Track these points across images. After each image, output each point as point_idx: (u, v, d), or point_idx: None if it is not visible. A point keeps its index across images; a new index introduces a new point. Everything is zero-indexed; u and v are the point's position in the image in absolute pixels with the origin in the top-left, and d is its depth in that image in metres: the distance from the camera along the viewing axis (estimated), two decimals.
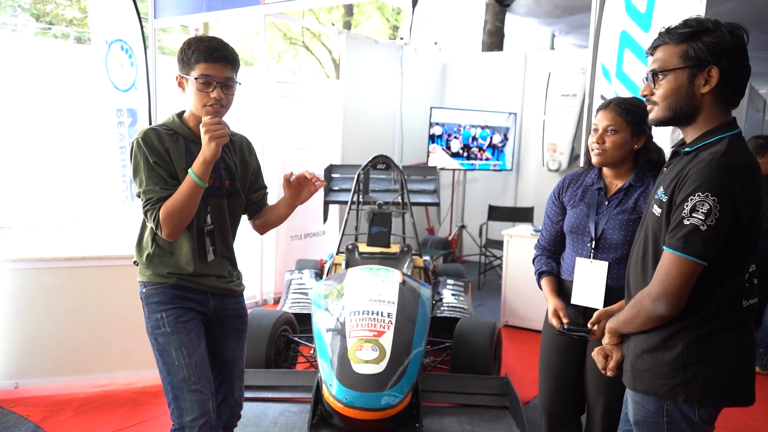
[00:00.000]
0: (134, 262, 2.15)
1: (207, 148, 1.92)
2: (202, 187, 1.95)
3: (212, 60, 1.94)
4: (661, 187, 1.59)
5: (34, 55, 7.84)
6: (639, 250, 1.67)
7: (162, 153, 1.99)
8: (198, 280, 2.08)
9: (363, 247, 4.08)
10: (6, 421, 3.16)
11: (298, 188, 2.13)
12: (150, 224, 2.01)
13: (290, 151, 5.56)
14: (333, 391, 2.54)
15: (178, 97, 2.12)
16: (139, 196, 2.01)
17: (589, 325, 1.89)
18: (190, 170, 1.94)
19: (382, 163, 4.33)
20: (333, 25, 7.37)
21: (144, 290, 2.09)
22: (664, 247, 1.53)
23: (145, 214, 1.99)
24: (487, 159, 6.98)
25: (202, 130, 1.92)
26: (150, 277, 2.07)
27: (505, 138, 6.97)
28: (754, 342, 1.63)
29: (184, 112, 2.10)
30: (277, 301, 5.37)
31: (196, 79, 1.95)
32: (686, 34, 1.53)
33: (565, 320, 2.08)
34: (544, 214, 2.37)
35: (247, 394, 2.39)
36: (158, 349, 2.05)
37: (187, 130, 2.06)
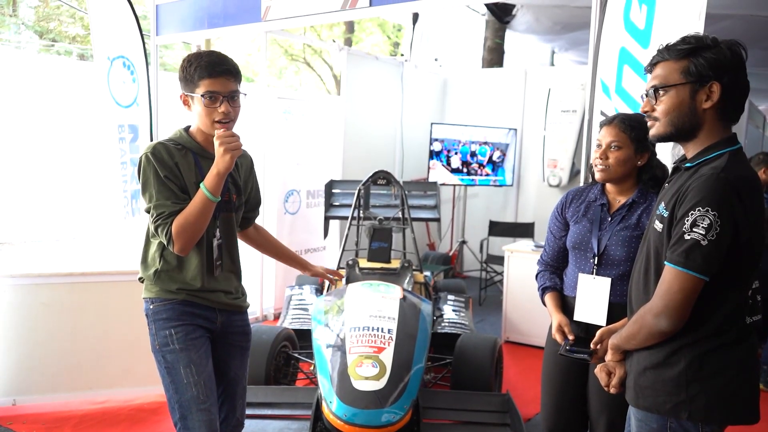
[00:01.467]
0: (139, 279, 2.12)
1: (221, 161, 1.90)
2: (214, 202, 1.94)
3: (216, 75, 1.93)
4: (663, 202, 1.59)
5: (38, 71, 7.91)
6: (641, 266, 1.67)
7: (172, 167, 1.97)
8: (207, 295, 2.06)
9: (363, 263, 4.07)
10: None
11: (318, 276, 2.53)
12: (161, 239, 1.97)
13: (291, 166, 5.57)
14: (333, 408, 2.52)
15: (179, 113, 2.12)
16: (148, 212, 1.98)
17: (592, 345, 1.87)
18: (201, 185, 1.93)
19: (382, 178, 4.34)
20: (334, 41, 7.41)
21: (151, 307, 2.05)
22: (665, 262, 1.52)
23: (156, 229, 1.96)
24: (487, 174, 6.99)
25: (216, 142, 1.90)
26: (158, 294, 2.04)
27: (503, 154, 6.99)
28: (758, 359, 1.61)
29: (190, 126, 2.08)
30: (277, 317, 5.34)
31: (202, 96, 1.93)
32: (686, 50, 1.53)
33: (570, 336, 2.06)
34: (546, 229, 2.37)
35: (246, 411, 2.38)
36: (166, 366, 2.02)
37: (195, 145, 2.04)
